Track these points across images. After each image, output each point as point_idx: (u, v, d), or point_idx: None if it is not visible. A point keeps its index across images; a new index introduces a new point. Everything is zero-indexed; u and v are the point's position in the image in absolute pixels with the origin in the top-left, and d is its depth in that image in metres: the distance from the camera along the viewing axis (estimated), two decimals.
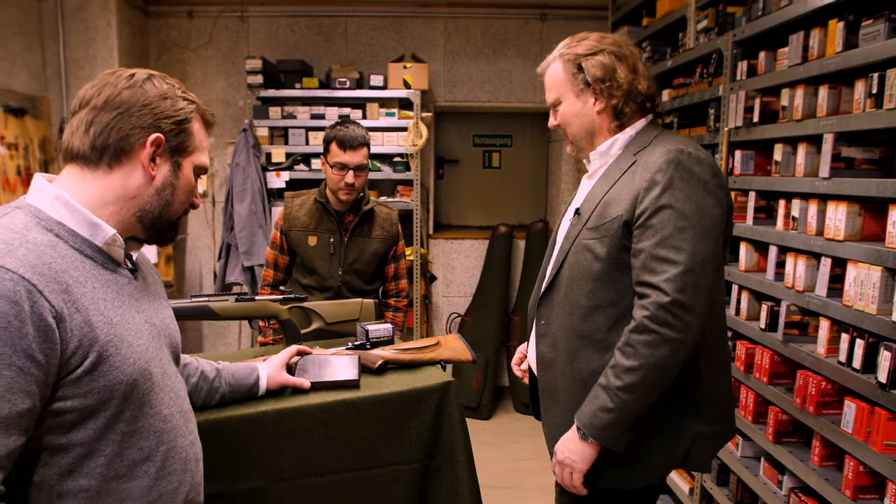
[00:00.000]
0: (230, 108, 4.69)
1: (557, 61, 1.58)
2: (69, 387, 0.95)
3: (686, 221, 1.38)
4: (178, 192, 1.14)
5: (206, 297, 1.90)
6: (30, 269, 0.92)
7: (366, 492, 1.63)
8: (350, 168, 2.44)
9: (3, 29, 3.85)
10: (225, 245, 4.29)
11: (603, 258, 1.48)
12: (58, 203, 1.03)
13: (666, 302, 1.36)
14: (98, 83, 1.08)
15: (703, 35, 2.70)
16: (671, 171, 1.41)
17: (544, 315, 1.63)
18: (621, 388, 1.40)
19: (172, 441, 1.12)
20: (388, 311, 2.74)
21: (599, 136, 1.60)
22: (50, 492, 0.96)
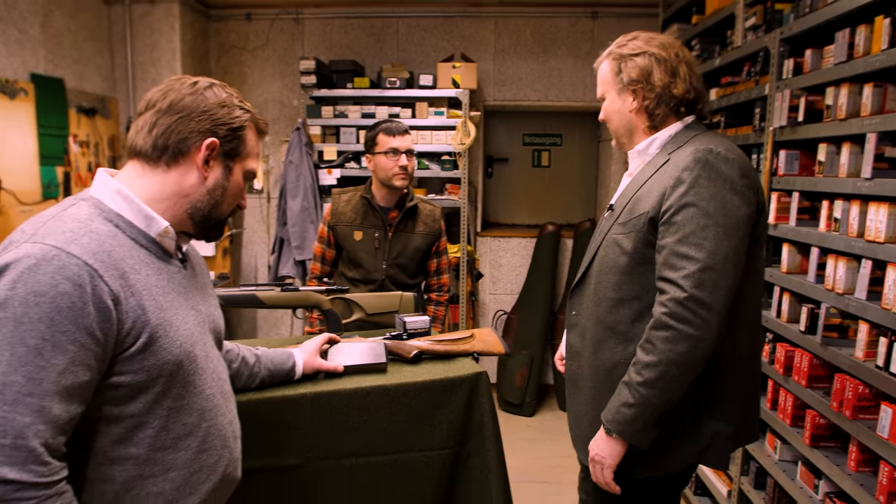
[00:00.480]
0: (285, 107, 4.85)
1: (606, 59, 1.65)
2: (123, 363, 1.05)
3: (709, 219, 1.40)
4: (227, 193, 1.23)
5: (253, 287, 2.01)
6: (92, 256, 1.01)
7: (397, 475, 1.70)
8: (402, 152, 2.55)
9: (76, 34, 4.09)
10: (278, 239, 4.45)
11: (629, 252, 1.51)
12: (118, 196, 1.13)
13: (682, 298, 1.38)
14: (164, 87, 1.18)
15: (750, 32, 2.67)
16: (697, 170, 1.43)
17: (575, 306, 1.68)
18: (642, 384, 1.43)
19: (214, 419, 1.20)
20: (430, 304, 2.82)
21: (637, 135, 1.65)
22: (104, 456, 1.06)
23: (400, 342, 1.89)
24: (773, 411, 2.35)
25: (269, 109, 4.86)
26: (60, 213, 1.06)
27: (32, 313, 0.95)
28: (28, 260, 0.96)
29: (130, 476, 1.08)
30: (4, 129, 3.49)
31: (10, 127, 3.53)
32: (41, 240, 0.99)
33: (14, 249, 0.99)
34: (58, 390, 0.96)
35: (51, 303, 0.95)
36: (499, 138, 5.32)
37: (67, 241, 1.01)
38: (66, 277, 0.97)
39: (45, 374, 0.95)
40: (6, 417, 0.92)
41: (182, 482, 1.14)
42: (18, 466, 0.92)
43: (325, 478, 1.66)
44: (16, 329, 0.94)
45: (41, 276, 0.96)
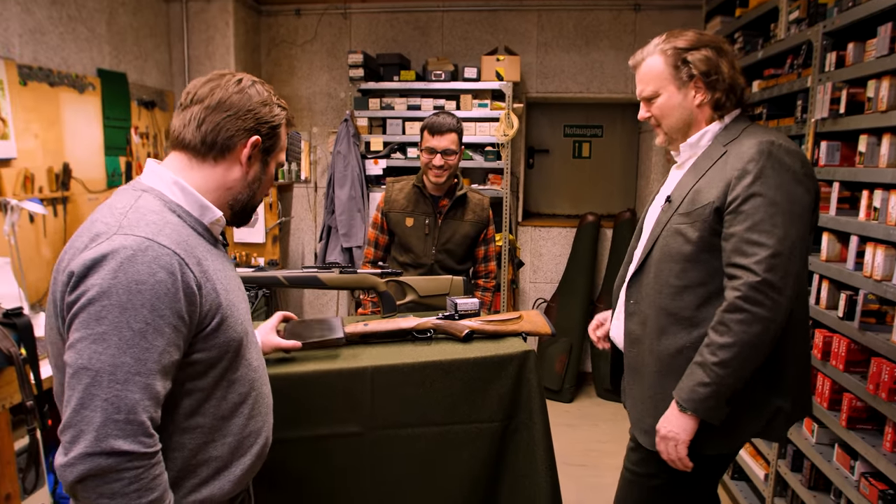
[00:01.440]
0: (333, 99, 5.00)
1: (656, 55, 1.66)
2: (200, 342, 1.14)
3: (776, 208, 1.47)
4: (263, 184, 1.31)
5: (315, 269, 2.15)
6: (177, 246, 1.10)
7: (450, 445, 1.83)
8: (437, 152, 2.65)
9: (138, 31, 4.30)
10: (326, 227, 4.62)
11: (694, 241, 1.58)
12: (175, 188, 1.20)
13: (756, 282, 1.46)
14: (210, 83, 1.22)
15: (794, 26, 2.71)
16: (762, 161, 1.50)
17: (633, 294, 1.74)
18: (717, 364, 1.50)
19: (260, 388, 1.32)
20: (477, 290, 2.93)
21: (694, 128, 1.69)
22: (176, 427, 1.15)
23: (452, 322, 2.01)
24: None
25: (317, 101, 5.02)
26: (135, 205, 1.13)
27: (136, 300, 1.02)
28: (125, 251, 1.03)
29: (197, 444, 1.17)
30: (75, 122, 3.71)
31: (80, 119, 3.75)
32: (131, 231, 1.06)
33: (107, 241, 1.05)
34: (159, 369, 1.05)
35: (151, 290, 1.03)
36: (541, 130, 5.40)
37: (155, 232, 1.08)
38: (161, 266, 1.05)
39: (150, 354, 1.03)
40: (119, 395, 1.01)
41: (236, 446, 1.24)
42: (131, 439, 1.01)
43: (384, 446, 1.79)
44: (121, 315, 1.02)
45: (139, 265, 1.03)
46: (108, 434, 1.00)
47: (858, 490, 2.10)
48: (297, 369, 1.73)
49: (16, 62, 3.31)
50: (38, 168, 3.44)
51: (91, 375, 1.01)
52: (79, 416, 1.00)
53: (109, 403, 1.00)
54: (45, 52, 3.54)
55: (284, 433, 1.71)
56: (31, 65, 3.43)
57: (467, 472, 1.85)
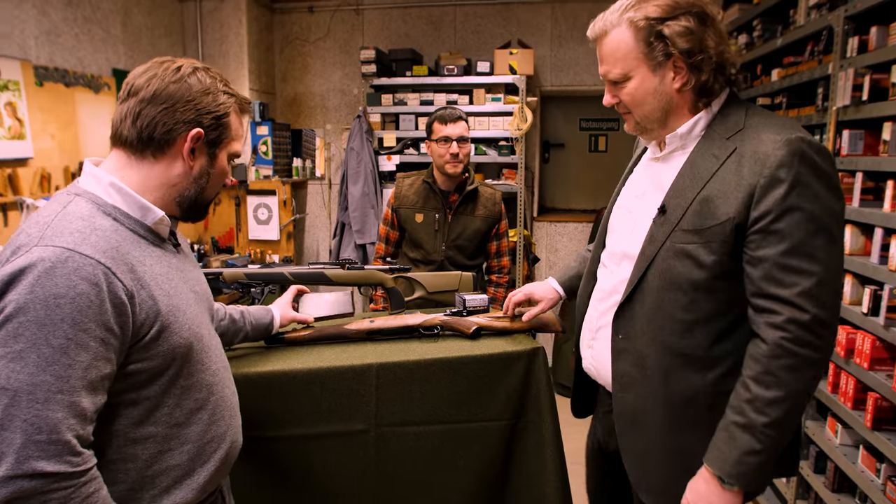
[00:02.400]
0: (346, 96, 4.99)
1: (623, 27, 1.29)
2: (139, 352, 1.08)
3: (816, 224, 1.19)
4: (212, 178, 1.23)
5: (321, 265, 2.13)
6: (103, 254, 1.03)
7: (457, 443, 1.79)
8: (453, 139, 2.62)
9: (152, 31, 4.32)
10: (339, 224, 4.61)
11: (708, 266, 1.28)
12: (112, 189, 1.13)
13: (806, 320, 1.19)
14: (148, 73, 1.14)
15: (814, 11, 2.62)
16: (797, 166, 1.20)
17: (622, 329, 1.42)
18: (768, 425, 1.21)
19: (220, 392, 1.26)
20: (490, 286, 2.89)
21: (676, 117, 1.36)
22: (125, 438, 1.10)
23: (460, 318, 1.97)
24: (833, 395, 2.34)
25: (330, 98, 5.01)
26: (62, 212, 1.06)
27: (54, 315, 0.97)
28: (43, 263, 0.98)
29: (151, 453, 1.13)
30: (90, 121, 3.73)
31: (95, 119, 3.78)
32: (51, 242, 1.00)
33: (26, 254, 0.99)
34: (84, 385, 0.99)
35: (71, 303, 0.98)
36: (556, 124, 5.33)
37: (78, 241, 1.02)
38: (83, 278, 0.99)
39: (72, 371, 0.98)
40: (39, 415, 0.95)
41: (196, 453, 1.20)
42: (55, 459, 0.96)
43: (390, 444, 1.76)
44: (39, 331, 0.96)
45: (58, 278, 0.97)
46: (30, 456, 0.95)
47: (885, 494, 2.02)
48: (300, 366, 1.71)
49: (32, 63, 3.33)
50: (55, 167, 3.46)
51: (10, 396, 0.96)
52: (0, 437, 0.96)
53: (29, 424, 0.96)
54: (60, 53, 3.56)
55: (288, 430, 1.70)
56: (48, 66, 3.45)
57: (474, 470, 1.81)
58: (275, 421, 1.69)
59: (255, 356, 1.78)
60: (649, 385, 1.37)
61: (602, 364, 1.50)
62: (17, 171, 3.23)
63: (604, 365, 1.49)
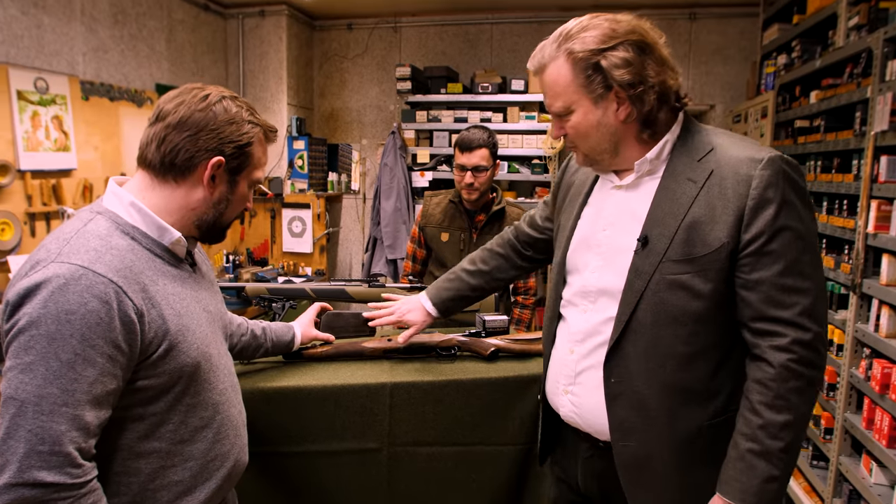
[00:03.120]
0: (381, 112, 5.04)
1: (560, 59, 1.26)
2: (147, 369, 1.11)
3: (804, 242, 1.20)
4: (231, 204, 1.26)
5: (343, 282, 2.15)
6: (116, 273, 1.06)
7: (470, 466, 1.78)
8: (468, 169, 2.59)
9: (195, 47, 4.45)
10: (372, 238, 4.64)
11: (706, 295, 1.24)
12: (132, 209, 1.17)
13: (809, 339, 1.19)
14: (177, 99, 1.19)
15: (853, 32, 2.55)
16: (782, 185, 1.19)
17: (615, 371, 1.33)
18: (784, 450, 1.20)
19: (226, 411, 1.28)
20: (516, 307, 2.87)
21: (626, 147, 1.32)
22: (130, 452, 1.13)
23: (478, 339, 1.96)
24: (868, 431, 2.25)
25: (366, 114, 5.08)
26: (81, 230, 1.10)
27: (64, 330, 1.00)
28: (57, 280, 1.01)
29: (154, 468, 1.15)
30: (132, 135, 3.86)
31: (137, 132, 3.90)
32: (67, 259, 1.04)
33: (42, 269, 1.03)
34: (89, 399, 1.02)
35: (81, 320, 1.01)
36: None
37: (92, 260, 1.05)
38: (94, 296, 1.02)
39: (78, 385, 1.01)
40: (44, 427, 0.99)
41: (199, 470, 1.21)
42: (56, 470, 0.99)
43: (403, 463, 1.75)
44: (49, 345, 1.00)
45: (70, 295, 1.01)
46: (31, 465, 0.98)
47: None
48: (315, 383, 1.72)
49: (79, 78, 3.47)
50: (97, 179, 3.58)
51: (17, 405, 0.99)
52: (5, 445, 0.99)
53: (33, 434, 0.99)
54: (106, 68, 3.70)
55: (302, 446, 1.71)
56: (94, 81, 3.59)
57: (487, 494, 1.79)
58: (288, 436, 1.70)
59: (271, 371, 1.80)
60: (654, 428, 1.30)
61: (589, 411, 1.39)
62: (62, 182, 3.35)
63: (592, 412, 1.38)
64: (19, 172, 3.11)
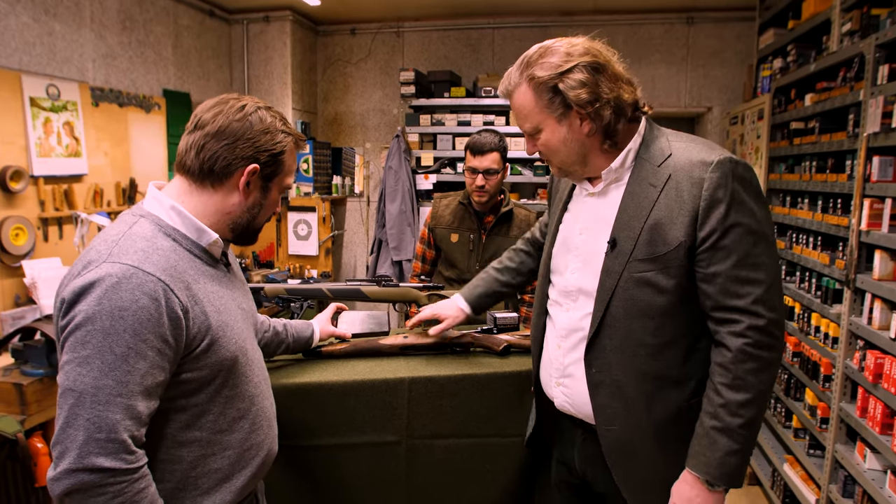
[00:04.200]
0: (385, 115, 5.12)
1: (524, 86, 1.40)
2: (190, 363, 1.18)
3: (756, 236, 1.31)
4: (264, 208, 1.33)
5: (358, 282, 2.22)
6: (163, 272, 1.14)
7: (485, 457, 1.85)
8: (479, 172, 2.67)
9: (201, 52, 4.52)
10: (377, 241, 4.72)
11: (670, 290, 1.36)
12: (172, 212, 1.24)
13: (763, 325, 1.31)
14: (214, 109, 1.25)
15: (847, 38, 2.65)
16: (731, 185, 1.31)
17: (595, 362, 1.45)
18: (743, 426, 1.31)
19: (260, 402, 1.35)
20: (523, 306, 2.95)
21: (593, 158, 1.44)
22: (173, 441, 1.20)
23: (490, 335, 2.05)
24: (862, 419, 2.34)
25: (370, 118, 5.16)
26: (128, 232, 1.17)
27: (118, 326, 1.07)
28: (110, 279, 1.08)
29: (195, 456, 1.22)
30: (141, 139, 3.93)
31: (145, 137, 3.97)
32: (118, 259, 1.11)
33: (95, 269, 1.10)
34: (141, 391, 1.09)
35: (133, 316, 1.08)
36: None
37: (141, 260, 1.13)
38: (145, 293, 1.10)
39: (131, 377, 1.08)
40: (101, 416, 1.06)
41: (237, 458, 1.28)
42: (112, 456, 1.06)
43: (421, 455, 1.83)
44: (104, 340, 1.07)
45: (123, 292, 1.08)
46: (90, 452, 1.05)
47: None
48: (335, 378, 1.79)
49: (89, 85, 3.54)
50: (107, 183, 3.65)
51: (75, 396, 1.06)
52: (64, 433, 1.06)
53: (91, 423, 1.06)
54: (115, 74, 3.77)
55: (323, 440, 1.78)
56: (103, 87, 3.66)
57: (502, 484, 1.87)
58: (310, 430, 1.78)
59: (293, 368, 1.88)
60: (633, 413, 1.42)
61: (579, 399, 1.51)
62: (73, 187, 3.42)
63: (581, 400, 1.50)
64: (32, 178, 3.18)
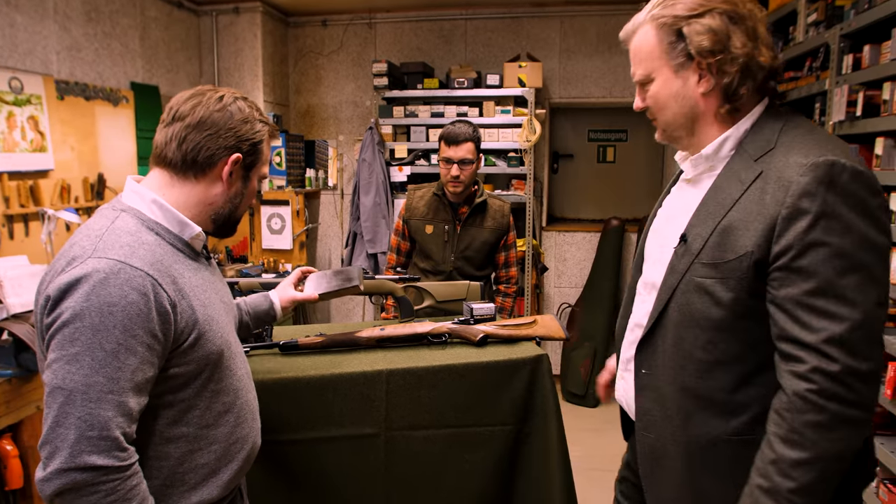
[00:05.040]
0: (358, 108, 5.09)
1: (648, 25, 1.24)
2: (178, 357, 1.18)
3: (847, 261, 1.06)
4: (245, 198, 1.34)
5: None
6: (150, 267, 1.13)
7: (464, 447, 1.86)
8: (454, 162, 2.68)
9: (169, 45, 4.44)
10: (351, 233, 4.70)
11: (727, 304, 1.17)
12: (154, 206, 1.23)
13: (835, 371, 1.05)
14: (192, 100, 1.25)
15: (812, 28, 2.69)
16: (822, 194, 1.06)
17: (645, 363, 1.33)
18: (795, 491, 1.08)
19: (244, 396, 1.35)
20: (498, 296, 2.97)
21: (703, 125, 1.26)
22: (160, 437, 1.19)
23: (467, 326, 2.05)
24: None
25: (342, 110, 5.12)
26: (111, 227, 1.16)
27: (108, 322, 1.06)
28: (98, 274, 1.07)
29: (182, 452, 1.21)
30: (109, 134, 3.85)
31: (113, 131, 3.89)
32: (104, 254, 1.10)
33: (80, 265, 1.08)
34: (132, 387, 1.08)
35: (122, 311, 1.07)
36: (564, 134, 5.41)
37: (128, 254, 1.11)
38: (133, 288, 1.08)
39: (122, 373, 1.07)
40: (92, 413, 1.05)
41: (223, 453, 1.28)
42: (105, 454, 1.05)
43: (400, 447, 1.83)
44: (94, 336, 1.05)
45: (112, 288, 1.07)
46: (83, 450, 1.04)
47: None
48: (313, 372, 1.79)
49: (54, 78, 3.45)
50: (74, 179, 3.58)
51: (65, 395, 1.05)
52: (54, 433, 1.04)
53: (83, 421, 1.04)
54: (81, 67, 3.68)
55: (301, 434, 1.77)
56: (68, 80, 3.57)
57: (480, 474, 1.88)
58: (288, 425, 1.77)
59: (270, 363, 1.87)
60: (669, 426, 1.28)
61: (629, 396, 1.42)
62: (39, 183, 3.34)
63: (631, 398, 1.40)
64: None
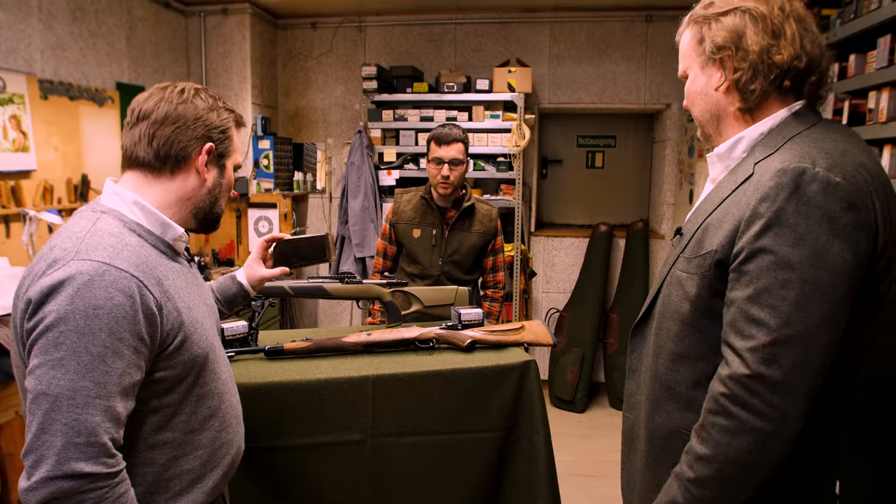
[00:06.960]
0: (347, 111, 5.07)
1: (689, 25, 1.28)
2: (163, 360, 1.15)
3: (791, 273, 1.02)
4: (223, 189, 1.33)
5: (320, 279, 2.20)
6: (136, 268, 1.11)
7: (451, 453, 1.85)
8: (444, 161, 2.68)
9: (156, 45, 4.40)
10: (339, 237, 4.67)
11: (692, 299, 1.17)
12: (135, 207, 1.21)
13: (743, 376, 1.04)
14: (153, 98, 1.23)
15: None
16: (781, 201, 1.04)
17: (636, 348, 1.38)
18: (692, 481, 1.10)
19: (229, 400, 1.34)
20: (485, 300, 2.95)
21: (726, 124, 1.24)
22: (145, 443, 1.17)
23: (455, 332, 2.04)
24: None
25: (332, 113, 5.10)
26: (92, 228, 1.13)
27: (93, 325, 1.03)
28: (82, 276, 1.04)
29: (167, 458, 1.19)
30: (93, 134, 3.80)
31: (98, 132, 3.85)
32: (87, 256, 1.07)
33: (63, 267, 1.06)
34: (119, 391, 1.06)
35: (108, 314, 1.04)
36: (553, 140, 5.42)
37: (112, 256, 1.09)
38: (119, 290, 1.06)
39: (109, 377, 1.04)
40: (79, 419, 1.02)
41: (208, 458, 1.26)
42: (93, 461, 1.02)
43: (386, 453, 1.82)
44: (79, 340, 1.03)
45: (97, 290, 1.04)
46: (70, 457, 1.01)
47: None
48: (299, 378, 1.77)
49: (37, 77, 3.41)
50: (58, 180, 3.53)
51: (50, 401, 1.02)
52: (39, 440, 1.01)
53: (69, 427, 1.02)
54: (65, 66, 3.64)
55: (287, 440, 1.75)
56: (52, 79, 3.53)
57: (468, 479, 1.87)
58: (274, 431, 1.75)
59: (255, 368, 1.84)
60: (642, 411, 1.31)
61: None
62: (21, 184, 3.30)
63: None
64: None
